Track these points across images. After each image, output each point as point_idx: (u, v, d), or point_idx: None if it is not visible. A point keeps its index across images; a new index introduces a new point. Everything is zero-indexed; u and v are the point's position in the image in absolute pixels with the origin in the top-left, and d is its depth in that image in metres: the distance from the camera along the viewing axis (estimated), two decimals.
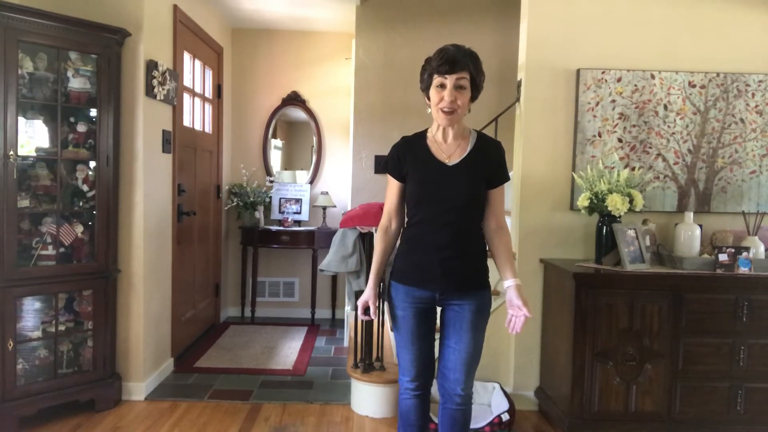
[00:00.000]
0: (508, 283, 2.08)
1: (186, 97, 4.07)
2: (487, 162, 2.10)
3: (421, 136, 2.18)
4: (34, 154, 2.95)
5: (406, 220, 2.21)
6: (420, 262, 2.09)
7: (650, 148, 3.24)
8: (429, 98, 2.09)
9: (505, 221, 2.17)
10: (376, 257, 2.23)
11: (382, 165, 2.30)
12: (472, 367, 2.13)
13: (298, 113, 5.33)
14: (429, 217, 2.08)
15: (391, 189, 2.21)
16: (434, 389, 2.27)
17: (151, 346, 3.46)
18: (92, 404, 3.12)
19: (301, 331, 4.84)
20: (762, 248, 3.04)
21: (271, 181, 5.19)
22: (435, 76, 2.02)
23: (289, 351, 4.28)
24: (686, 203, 3.26)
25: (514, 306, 2.06)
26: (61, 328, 3.03)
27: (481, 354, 2.16)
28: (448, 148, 2.11)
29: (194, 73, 4.28)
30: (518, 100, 3.36)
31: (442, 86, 2.01)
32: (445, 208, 2.06)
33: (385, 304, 3.36)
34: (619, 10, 3.22)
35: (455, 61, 1.99)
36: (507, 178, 2.16)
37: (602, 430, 2.85)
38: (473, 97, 2.09)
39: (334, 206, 5.10)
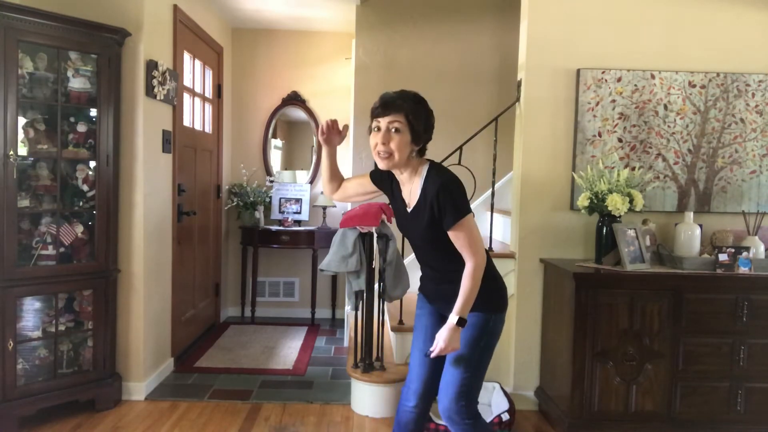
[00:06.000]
0: (450, 320, 1.95)
1: (186, 97, 4.07)
2: (430, 205, 1.96)
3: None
4: (35, 155, 2.95)
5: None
6: (422, 280, 2.23)
7: (650, 148, 3.24)
8: None
9: (468, 261, 1.95)
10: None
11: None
12: (456, 375, 2.01)
13: (298, 113, 5.33)
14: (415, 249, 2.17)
15: (361, 177, 2.23)
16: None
17: (151, 345, 3.46)
18: (92, 404, 3.12)
19: (301, 331, 4.84)
20: (762, 248, 3.04)
21: (271, 181, 5.19)
22: (372, 119, 1.95)
23: (289, 351, 4.28)
24: (686, 203, 3.26)
25: (438, 338, 1.96)
26: (61, 328, 3.03)
27: (473, 371, 2.04)
28: (405, 189, 2.07)
29: (194, 73, 4.28)
30: (518, 100, 3.36)
31: (378, 129, 1.94)
32: (417, 245, 2.12)
33: (385, 303, 3.37)
34: (619, 10, 3.22)
35: (388, 103, 1.91)
36: (455, 220, 1.92)
37: (602, 430, 2.85)
38: (416, 141, 1.94)
39: (334, 206, 5.10)
